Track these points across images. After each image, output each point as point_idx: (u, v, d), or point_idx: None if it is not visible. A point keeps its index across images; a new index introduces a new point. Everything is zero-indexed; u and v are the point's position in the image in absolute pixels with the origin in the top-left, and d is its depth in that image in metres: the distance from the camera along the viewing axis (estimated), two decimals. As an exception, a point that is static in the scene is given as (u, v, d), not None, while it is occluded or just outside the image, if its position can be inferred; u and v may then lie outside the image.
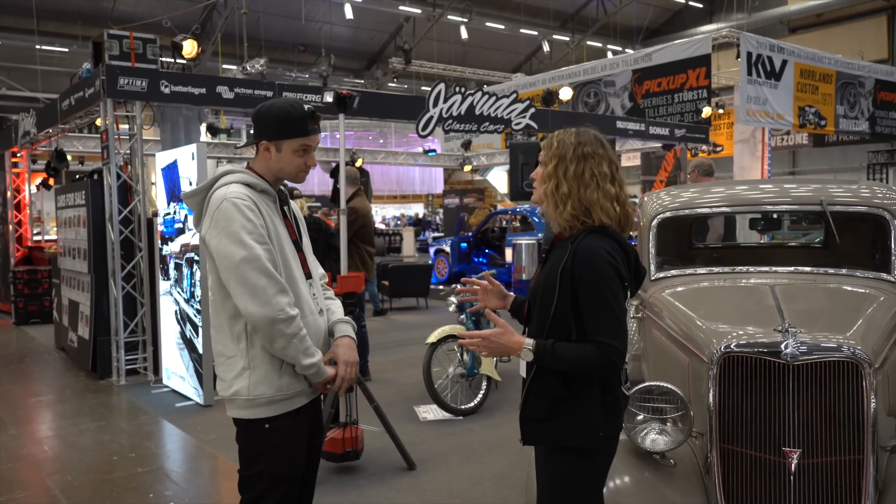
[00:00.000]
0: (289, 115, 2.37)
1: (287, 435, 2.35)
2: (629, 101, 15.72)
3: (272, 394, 2.32)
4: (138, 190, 7.46)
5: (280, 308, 2.23)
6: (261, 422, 2.32)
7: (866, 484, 2.44)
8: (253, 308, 2.22)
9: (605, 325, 2.05)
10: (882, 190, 3.70)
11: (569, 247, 2.12)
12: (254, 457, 2.35)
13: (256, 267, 2.23)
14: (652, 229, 3.82)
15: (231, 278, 2.25)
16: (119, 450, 5.19)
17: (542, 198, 2.23)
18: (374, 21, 26.06)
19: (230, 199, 2.27)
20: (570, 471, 2.15)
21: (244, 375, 2.31)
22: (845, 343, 2.51)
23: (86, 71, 8.02)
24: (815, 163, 26.97)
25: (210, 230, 2.30)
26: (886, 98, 17.55)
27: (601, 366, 2.05)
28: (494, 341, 2.13)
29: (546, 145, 2.23)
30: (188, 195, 2.42)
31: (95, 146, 14.10)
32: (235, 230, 2.24)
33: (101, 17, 20.78)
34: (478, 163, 18.99)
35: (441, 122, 8.60)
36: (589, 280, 2.06)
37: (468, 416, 5.71)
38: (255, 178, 2.38)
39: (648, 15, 29.57)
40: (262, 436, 2.33)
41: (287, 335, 2.25)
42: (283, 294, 2.26)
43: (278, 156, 2.39)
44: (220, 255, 2.28)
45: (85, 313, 7.84)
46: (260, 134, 2.41)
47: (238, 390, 2.32)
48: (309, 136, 2.39)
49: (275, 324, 2.23)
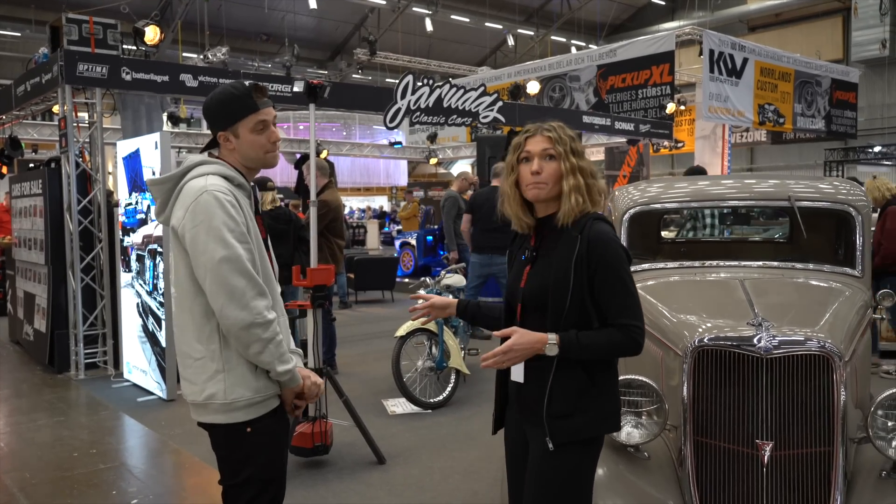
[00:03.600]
0: (232, 95, 2.24)
1: (269, 436, 2.25)
2: (594, 95, 15.84)
3: (250, 396, 2.19)
4: (98, 179, 7.27)
5: (258, 312, 2.12)
6: (241, 426, 2.20)
7: (836, 475, 2.49)
8: (230, 311, 2.10)
9: (627, 308, 2.07)
10: (845, 186, 3.79)
11: (576, 237, 2.09)
12: (239, 463, 2.23)
13: (237, 268, 2.11)
14: (623, 223, 3.85)
15: (208, 277, 2.12)
16: (79, 446, 5.05)
17: (555, 193, 2.15)
18: (339, 11, 25.81)
19: (211, 191, 2.14)
20: (584, 463, 2.14)
21: (218, 378, 2.17)
22: (816, 337, 2.56)
23: (42, 56, 7.77)
24: (773, 160, 27.63)
25: (187, 221, 2.15)
26: (842, 97, 18.01)
27: (628, 347, 2.07)
28: (518, 349, 2.04)
29: (556, 139, 2.16)
30: (156, 182, 2.26)
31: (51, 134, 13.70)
32: (217, 226, 2.11)
33: (56, 1, 20.16)
34: (443, 155, 18.96)
35: (409, 114, 8.55)
36: (607, 265, 2.07)
37: (437, 410, 5.70)
38: (233, 171, 2.25)
39: (612, 11, 29.87)
40: (244, 440, 2.21)
41: (263, 340, 2.14)
42: (261, 297, 2.15)
43: (238, 142, 2.26)
44: (197, 250, 2.13)
45: (41, 306, 7.62)
46: (214, 127, 2.28)
47: (213, 394, 2.17)
48: (260, 110, 2.24)
49: (252, 328, 2.11)
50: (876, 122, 25.27)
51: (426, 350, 5.87)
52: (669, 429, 2.78)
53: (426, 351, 5.87)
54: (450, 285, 6.25)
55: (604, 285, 2.08)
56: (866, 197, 3.70)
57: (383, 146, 20.31)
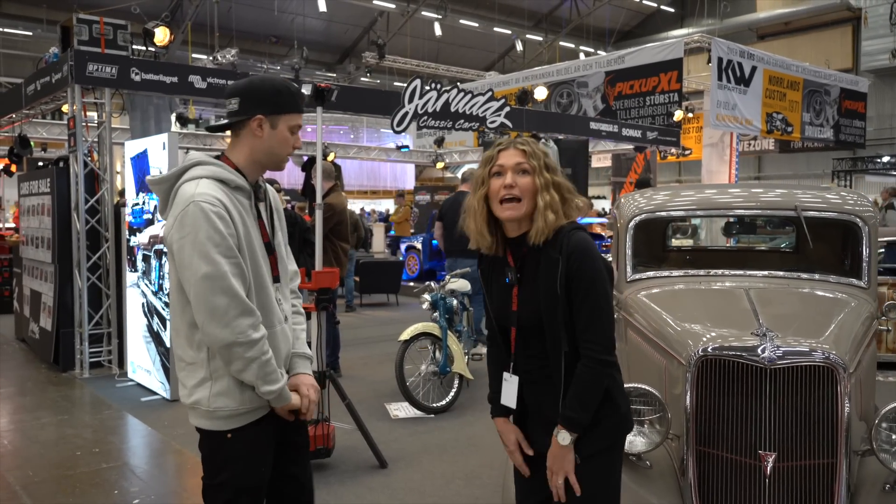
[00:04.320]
0: (288, 88, 2.23)
1: (250, 444, 2.21)
2: (602, 102, 15.84)
3: (234, 407, 2.17)
4: (106, 179, 7.30)
5: (240, 331, 2.07)
6: (222, 433, 2.19)
7: (839, 487, 2.48)
8: (211, 328, 2.07)
9: (592, 324, 2.03)
10: (853, 196, 3.77)
11: (557, 259, 2.04)
12: (217, 467, 2.22)
13: (219, 286, 2.05)
14: (629, 231, 3.84)
15: (191, 292, 2.08)
16: (82, 444, 5.07)
17: (530, 210, 2.08)
18: (348, 15, 25.86)
19: (198, 202, 2.06)
20: (614, 466, 2.15)
21: (205, 386, 2.16)
22: (820, 348, 2.55)
23: (53, 55, 7.82)
24: (781, 168, 27.53)
25: (174, 232, 2.10)
26: (850, 107, 17.96)
27: (599, 375, 2.04)
28: (559, 469, 2.06)
29: (530, 153, 2.09)
30: (154, 181, 2.22)
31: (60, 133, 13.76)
32: (202, 241, 2.04)
33: (67, 1, 20.28)
34: (450, 160, 18.96)
35: (416, 118, 8.56)
36: (582, 275, 2.02)
37: (440, 415, 5.70)
38: (230, 173, 2.17)
39: (621, 18, 29.85)
40: (223, 446, 2.20)
41: (245, 359, 2.09)
42: (245, 315, 2.08)
43: (272, 133, 2.20)
44: (182, 263, 2.09)
45: (48, 304, 7.65)
46: (254, 107, 2.17)
47: (198, 400, 2.17)
48: (302, 113, 2.28)
49: (233, 347, 2.08)
50: (885, 132, 25.15)
51: (430, 354, 5.87)
52: (672, 438, 2.77)
53: (430, 355, 5.86)
54: (454, 290, 6.25)
55: (575, 297, 2.03)
56: (873, 208, 3.68)
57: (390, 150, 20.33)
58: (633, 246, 3.83)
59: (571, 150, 12.49)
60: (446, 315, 5.93)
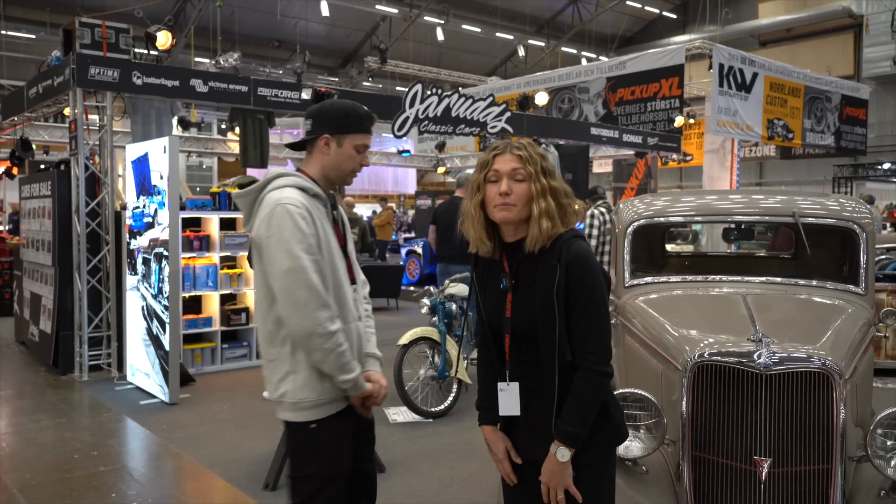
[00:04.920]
0: (355, 111, 2.46)
1: (334, 435, 2.38)
2: (603, 108, 15.85)
3: (315, 398, 2.34)
4: (107, 182, 7.31)
5: (319, 323, 2.25)
6: (307, 424, 2.36)
7: (834, 493, 2.48)
8: (293, 319, 2.26)
9: (590, 334, 2.01)
10: (851, 203, 3.77)
11: (555, 266, 2.02)
12: (303, 459, 2.39)
13: (301, 279, 2.24)
14: (627, 236, 3.84)
15: (276, 286, 2.28)
16: (80, 447, 5.07)
17: (524, 216, 2.06)
18: (350, 19, 25.94)
19: (284, 204, 2.28)
20: (608, 475, 2.14)
21: (289, 379, 2.34)
22: (816, 354, 2.55)
23: (55, 59, 7.84)
24: (782, 175, 27.54)
25: (261, 231, 2.31)
26: (852, 113, 17.96)
27: (598, 385, 2.02)
28: (556, 484, 2.04)
29: (526, 158, 2.05)
30: (239, 195, 2.43)
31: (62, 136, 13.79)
32: (286, 238, 2.25)
33: (70, 5, 20.37)
34: (451, 165, 18.97)
35: (417, 122, 8.58)
36: (581, 285, 2.00)
37: (438, 419, 5.69)
38: (309, 183, 2.39)
39: (623, 24, 29.92)
40: (309, 438, 2.36)
41: (324, 350, 2.27)
42: (323, 308, 2.27)
43: (338, 151, 2.42)
44: (268, 260, 2.30)
45: (47, 307, 7.66)
46: (322, 127, 2.43)
47: (284, 393, 2.34)
48: (370, 134, 2.48)
49: (312, 337, 2.25)
50: (886, 139, 25.17)
51: (429, 359, 5.87)
52: (668, 443, 2.77)
53: (429, 360, 5.86)
54: (453, 294, 6.25)
55: (574, 306, 2.01)
56: (871, 215, 3.69)
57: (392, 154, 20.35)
58: (631, 251, 3.83)
59: (572, 155, 12.49)
60: (445, 320, 5.93)
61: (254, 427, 5.54)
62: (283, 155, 15.51)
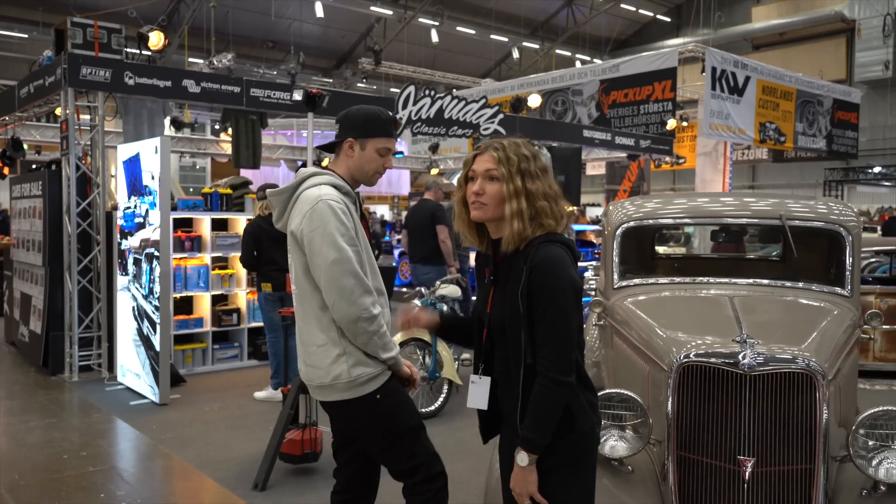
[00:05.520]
0: (378, 116, 2.60)
1: (398, 394, 2.60)
2: (596, 110, 15.89)
3: (371, 371, 2.52)
4: (98, 182, 7.30)
5: (364, 307, 2.44)
6: (371, 395, 2.52)
7: (817, 493, 2.50)
8: (341, 306, 2.43)
9: (549, 338, 1.98)
10: (838, 207, 3.80)
11: (522, 268, 2.01)
12: (384, 426, 2.57)
13: (347, 269, 2.42)
14: (616, 238, 3.86)
15: (322, 276, 2.44)
16: (70, 448, 5.06)
17: (497, 216, 2.08)
18: (345, 20, 25.93)
19: (325, 199, 2.45)
20: (580, 478, 2.08)
21: (341, 360, 2.49)
22: (800, 355, 2.57)
23: (47, 58, 7.82)
24: (774, 178, 27.67)
25: (304, 226, 2.45)
26: (843, 117, 18.05)
27: (556, 395, 1.97)
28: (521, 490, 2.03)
29: (502, 159, 2.05)
30: (274, 193, 2.58)
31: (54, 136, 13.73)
32: (330, 231, 2.42)
33: (64, 4, 20.31)
34: (444, 166, 18.99)
35: (410, 124, 8.60)
36: (543, 287, 1.98)
37: (429, 420, 5.68)
38: (341, 181, 2.56)
39: (617, 27, 30.01)
40: (379, 406, 2.54)
41: (369, 332, 2.46)
42: (367, 294, 2.46)
43: (361, 154, 2.57)
44: (313, 252, 2.45)
45: (38, 307, 7.64)
46: (347, 132, 2.58)
47: (338, 374, 2.49)
48: (392, 138, 2.61)
49: (359, 322, 2.43)
50: (878, 143, 25.31)
51: (419, 360, 5.87)
52: (653, 443, 2.79)
53: (419, 361, 5.87)
54: (445, 296, 6.26)
55: (535, 312, 1.99)
56: (857, 218, 3.72)
57: (385, 155, 20.38)
58: (620, 253, 3.85)
59: (565, 157, 12.52)
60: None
61: (244, 427, 5.54)
62: (275, 156, 15.49)
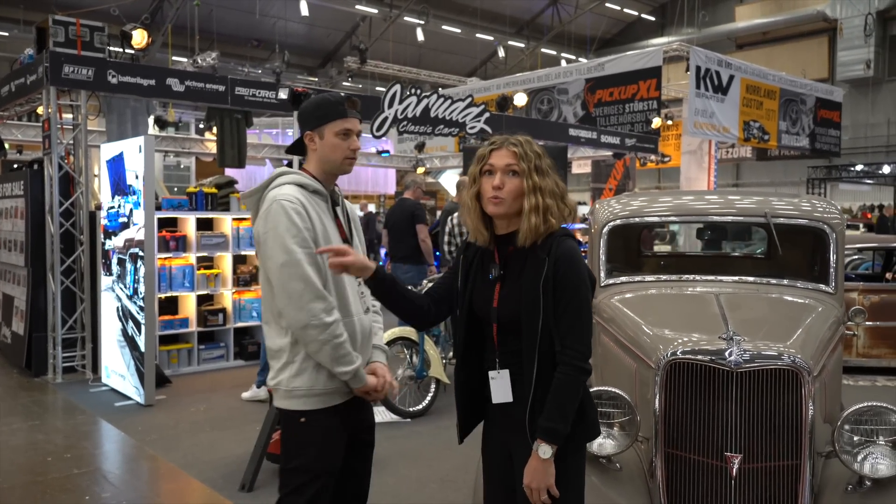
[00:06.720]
0: (326, 100, 2.50)
1: (323, 430, 2.41)
2: (581, 109, 15.94)
3: (308, 387, 2.39)
4: (81, 182, 7.23)
5: (313, 314, 2.31)
6: (297, 414, 2.41)
7: (803, 488, 2.52)
8: (288, 311, 2.33)
9: (572, 328, 2.06)
10: (822, 204, 3.84)
11: (544, 259, 2.08)
12: (292, 451, 2.43)
13: (295, 272, 2.32)
14: (603, 236, 3.87)
15: (273, 279, 2.37)
16: (54, 450, 5.00)
17: (513, 211, 2.12)
18: (330, 19, 25.84)
19: (279, 200, 2.37)
20: (580, 467, 2.16)
21: (287, 368, 2.41)
22: (786, 351, 2.59)
23: (28, 57, 7.74)
24: (758, 176, 27.87)
25: (259, 227, 2.41)
26: (826, 116, 18.23)
27: (576, 379, 2.05)
28: (538, 484, 2.04)
29: (521, 154, 2.12)
30: (245, 195, 2.53)
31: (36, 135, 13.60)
32: (281, 233, 2.33)
33: (45, 3, 20.07)
34: (431, 165, 18.97)
35: (396, 123, 8.58)
36: (567, 283, 2.06)
37: (416, 419, 5.70)
38: (308, 179, 2.48)
39: (602, 26, 30.12)
40: (298, 430, 2.42)
41: (319, 341, 2.32)
42: (318, 300, 2.32)
43: (322, 143, 2.48)
44: (265, 255, 2.39)
45: (20, 308, 7.55)
46: (303, 126, 2.52)
47: (280, 381, 2.42)
48: (348, 118, 2.47)
49: (307, 329, 2.31)
50: (859, 142, 25.56)
51: (406, 359, 5.87)
52: (641, 440, 2.80)
53: (406, 360, 5.86)
54: (432, 295, 6.25)
55: (559, 303, 2.07)
56: (841, 215, 3.75)
57: (371, 154, 20.32)
58: (606, 251, 3.86)
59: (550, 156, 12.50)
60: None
61: (230, 428, 5.51)
62: (261, 155, 15.42)
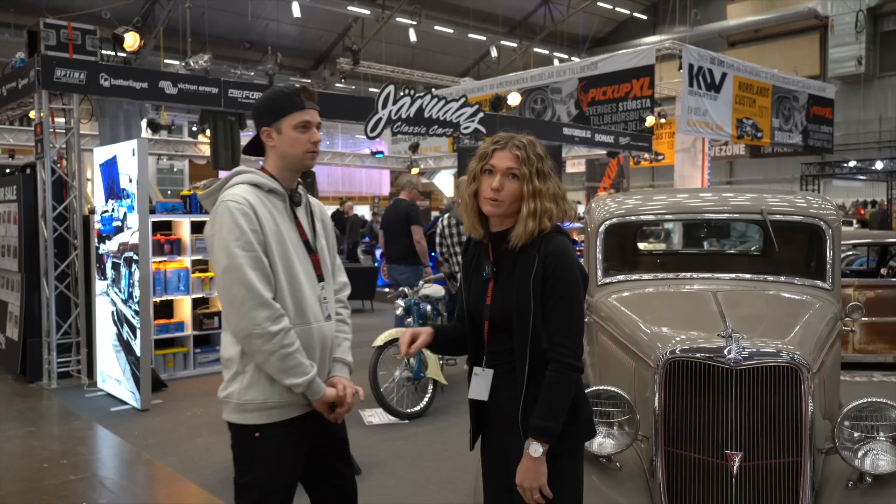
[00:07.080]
0: (281, 93, 2.37)
1: (278, 445, 2.27)
2: (575, 108, 15.95)
3: (262, 400, 2.25)
4: (74, 186, 7.19)
5: (256, 323, 2.16)
6: (251, 429, 2.26)
7: (804, 485, 2.51)
8: (231, 319, 2.20)
9: (562, 325, 2.05)
10: (817, 200, 3.84)
11: (534, 256, 2.07)
12: (245, 466, 2.30)
13: (236, 277, 2.17)
14: (599, 235, 3.87)
15: (217, 285, 2.25)
16: (50, 456, 4.97)
17: (510, 213, 2.11)
18: (323, 20, 25.82)
19: (226, 201, 2.24)
20: (577, 467, 2.15)
21: (238, 379, 2.26)
22: (785, 348, 2.59)
23: (19, 60, 7.69)
24: (751, 173, 27.96)
25: (207, 230, 2.31)
26: (818, 112, 18.28)
27: (567, 379, 2.05)
28: (530, 484, 2.02)
29: (524, 158, 2.08)
30: (203, 196, 2.38)
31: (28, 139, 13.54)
32: (224, 236, 2.20)
33: (36, 6, 19.98)
34: (425, 165, 18.98)
35: (390, 124, 8.57)
36: (557, 278, 2.05)
37: (414, 420, 5.68)
38: (264, 178, 2.33)
39: (594, 25, 30.18)
40: (252, 444, 2.27)
41: (264, 351, 2.18)
42: (261, 308, 2.17)
43: (280, 139, 2.33)
44: (211, 259, 2.28)
45: (14, 313, 7.51)
46: (259, 123, 2.37)
47: (230, 393, 2.28)
48: (304, 109, 2.33)
49: (251, 338, 2.18)
50: (852, 138, 25.67)
51: (404, 360, 5.85)
52: (641, 439, 2.79)
53: (404, 361, 5.85)
54: (428, 295, 6.25)
55: (549, 299, 2.06)
56: (837, 211, 3.75)
57: (365, 155, 20.29)
58: (603, 250, 3.86)
59: (546, 155, 12.56)
60: (420, 320, 5.93)
61: (227, 432, 5.47)
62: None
